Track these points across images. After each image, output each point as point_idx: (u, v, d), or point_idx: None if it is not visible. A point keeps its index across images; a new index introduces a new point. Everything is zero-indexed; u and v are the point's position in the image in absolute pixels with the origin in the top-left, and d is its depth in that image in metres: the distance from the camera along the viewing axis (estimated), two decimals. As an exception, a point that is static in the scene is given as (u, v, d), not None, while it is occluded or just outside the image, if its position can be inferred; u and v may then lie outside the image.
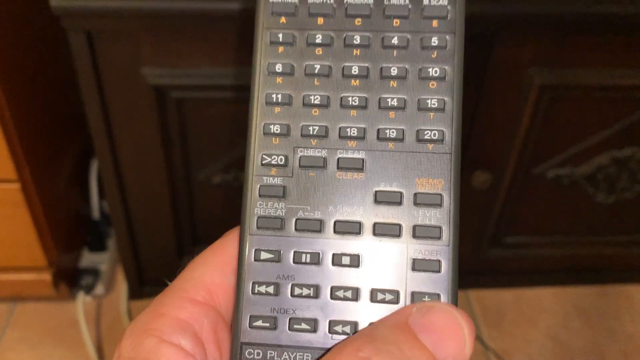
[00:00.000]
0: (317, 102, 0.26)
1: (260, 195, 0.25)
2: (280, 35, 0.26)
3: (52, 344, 0.90)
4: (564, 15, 0.67)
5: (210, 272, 0.25)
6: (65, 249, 0.92)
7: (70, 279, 0.94)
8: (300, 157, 0.25)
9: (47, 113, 0.86)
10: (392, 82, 0.25)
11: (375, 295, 0.24)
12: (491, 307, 0.98)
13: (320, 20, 0.26)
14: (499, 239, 0.92)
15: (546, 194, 0.87)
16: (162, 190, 0.80)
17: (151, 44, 0.67)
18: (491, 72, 0.71)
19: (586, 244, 0.95)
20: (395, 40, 0.26)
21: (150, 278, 0.92)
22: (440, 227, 0.24)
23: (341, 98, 0.26)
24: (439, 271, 0.24)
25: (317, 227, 0.25)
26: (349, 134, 0.25)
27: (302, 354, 0.24)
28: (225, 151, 0.77)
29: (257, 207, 0.25)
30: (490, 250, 0.93)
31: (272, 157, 0.25)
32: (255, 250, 0.25)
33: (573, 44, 0.70)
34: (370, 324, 0.24)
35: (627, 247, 0.96)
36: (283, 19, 0.26)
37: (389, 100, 0.25)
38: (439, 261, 0.24)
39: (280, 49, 0.26)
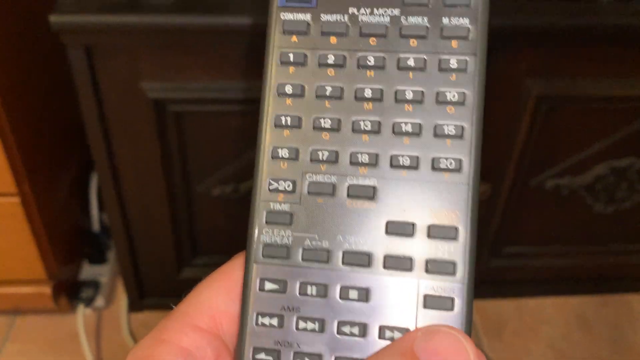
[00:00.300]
0: (327, 125, 0.24)
1: (266, 222, 0.24)
2: (291, 55, 0.25)
3: (52, 356, 0.90)
4: (561, 26, 0.67)
5: (215, 297, 0.24)
6: (65, 262, 0.92)
7: (70, 291, 0.94)
8: (308, 183, 0.24)
9: (47, 126, 0.86)
10: (407, 106, 0.24)
11: (383, 333, 0.23)
12: (492, 318, 0.98)
13: (333, 40, 0.25)
14: (499, 249, 0.92)
15: (545, 204, 0.87)
16: (162, 203, 0.80)
17: (150, 58, 0.67)
18: (488, 83, 0.71)
19: (586, 254, 0.95)
20: (411, 62, 0.24)
21: (150, 290, 0.92)
22: (454, 263, 0.23)
23: (353, 122, 0.24)
24: (451, 309, 0.23)
25: (324, 257, 0.24)
26: (360, 160, 0.24)
27: None
28: (224, 163, 0.78)
29: (263, 235, 0.24)
30: (490, 260, 0.93)
31: (280, 183, 0.24)
32: (260, 279, 0.24)
33: (569, 54, 0.71)
34: None
35: (627, 256, 0.96)
36: (294, 38, 0.25)
37: (404, 125, 0.24)
38: (452, 299, 0.23)
39: (291, 69, 0.25)
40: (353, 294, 0.23)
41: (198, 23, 0.64)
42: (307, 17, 0.25)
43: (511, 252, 0.93)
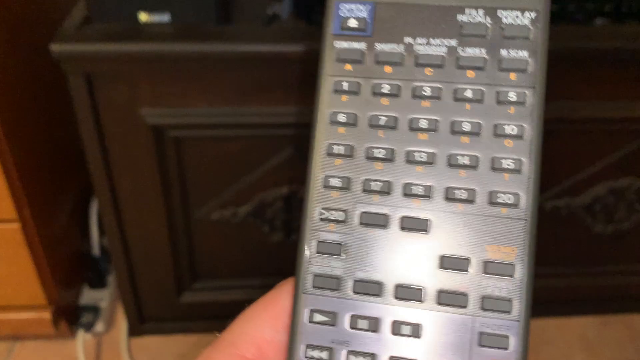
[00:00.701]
0: (381, 155, 0.24)
1: (317, 252, 0.24)
2: (345, 84, 0.24)
3: (51, 382, 0.89)
4: (556, 49, 0.68)
5: (261, 327, 0.24)
6: (65, 287, 0.92)
7: (70, 316, 0.94)
8: (360, 214, 0.24)
9: (47, 152, 0.87)
10: (463, 137, 0.23)
11: None
12: (493, 339, 0.97)
13: (388, 69, 0.24)
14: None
15: (545, 226, 0.87)
16: (161, 227, 0.80)
17: (149, 85, 0.68)
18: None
19: (586, 274, 0.94)
20: (468, 93, 0.24)
21: (150, 315, 0.92)
22: (510, 300, 0.22)
23: (407, 152, 0.24)
24: (506, 348, 0.22)
25: (376, 290, 0.23)
26: (414, 192, 0.23)
27: None
28: (223, 188, 0.78)
29: (312, 265, 0.24)
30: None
31: (331, 212, 0.24)
32: (310, 311, 0.23)
33: (565, 77, 0.71)
34: None
35: (628, 276, 0.96)
36: (348, 66, 0.25)
37: (460, 157, 0.23)
38: (507, 337, 0.22)
39: (344, 97, 0.24)
40: (405, 329, 0.23)
41: (196, 50, 0.65)
42: (361, 45, 0.25)
43: (511, 273, 0.93)
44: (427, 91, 0.24)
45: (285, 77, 0.68)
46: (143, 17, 0.66)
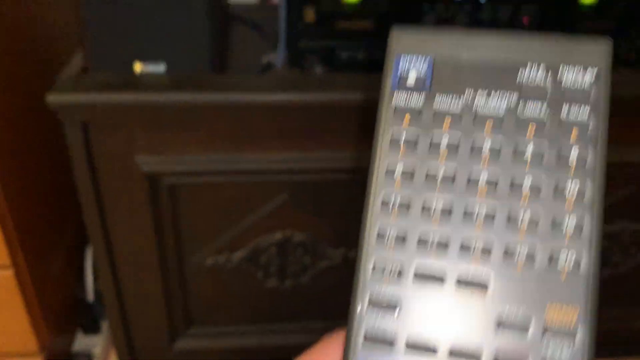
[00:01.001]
0: (438, 209, 0.23)
1: (369, 305, 0.23)
2: (403, 136, 0.24)
3: None
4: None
5: None
6: (58, 333, 0.91)
7: (62, 363, 0.93)
8: (415, 269, 0.23)
9: (42, 198, 0.87)
10: (523, 194, 0.23)
11: None
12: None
13: (447, 123, 0.24)
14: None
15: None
16: (155, 273, 0.80)
17: (144, 134, 0.68)
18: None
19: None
20: (529, 149, 0.23)
21: (143, 362, 0.91)
22: None
23: (465, 207, 0.23)
24: None
25: (429, 352, 0.22)
26: (472, 248, 0.23)
27: None
28: (217, 233, 0.78)
29: (365, 318, 0.23)
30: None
31: (385, 265, 0.23)
32: None
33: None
34: None
35: (626, 320, 0.95)
36: (407, 119, 0.25)
37: (520, 214, 0.23)
38: None
39: (402, 149, 0.24)
40: None
41: (191, 100, 0.65)
42: (420, 98, 0.25)
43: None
44: (487, 146, 0.24)
45: (280, 125, 0.69)
46: (138, 67, 0.67)
